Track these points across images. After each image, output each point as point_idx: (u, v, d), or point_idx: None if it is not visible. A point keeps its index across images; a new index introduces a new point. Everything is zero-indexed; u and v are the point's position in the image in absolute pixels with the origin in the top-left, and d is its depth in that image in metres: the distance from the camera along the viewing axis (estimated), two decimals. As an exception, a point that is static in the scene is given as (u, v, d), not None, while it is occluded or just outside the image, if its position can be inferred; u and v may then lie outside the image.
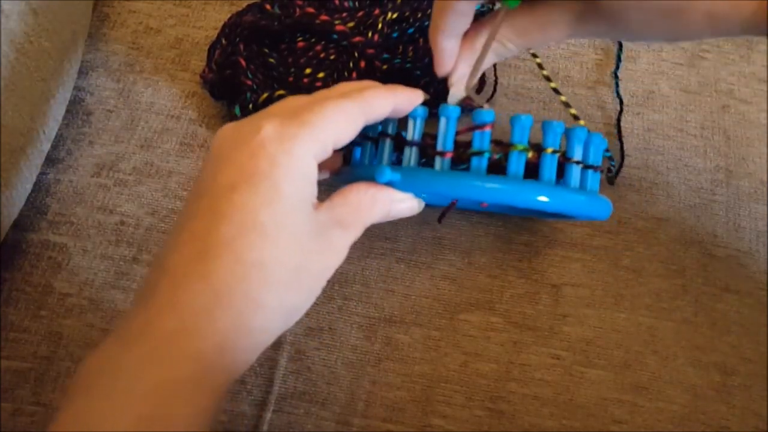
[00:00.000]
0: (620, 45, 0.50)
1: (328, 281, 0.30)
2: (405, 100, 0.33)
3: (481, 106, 0.33)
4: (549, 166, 0.32)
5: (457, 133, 0.33)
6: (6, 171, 0.38)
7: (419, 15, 0.43)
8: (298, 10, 0.43)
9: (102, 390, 0.24)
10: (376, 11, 0.43)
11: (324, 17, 0.42)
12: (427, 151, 0.33)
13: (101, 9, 0.50)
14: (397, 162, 0.35)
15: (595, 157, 0.34)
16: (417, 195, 0.33)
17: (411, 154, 0.33)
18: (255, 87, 0.42)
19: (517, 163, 0.32)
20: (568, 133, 0.33)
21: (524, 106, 0.48)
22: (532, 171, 0.32)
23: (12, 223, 0.41)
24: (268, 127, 0.28)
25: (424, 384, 0.39)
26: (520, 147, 0.32)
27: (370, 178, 0.32)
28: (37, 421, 0.37)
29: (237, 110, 0.41)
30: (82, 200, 0.43)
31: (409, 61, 0.43)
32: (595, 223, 0.44)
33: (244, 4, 0.46)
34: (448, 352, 0.40)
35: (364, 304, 0.41)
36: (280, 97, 0.40)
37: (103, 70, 0.48)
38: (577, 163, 0.33)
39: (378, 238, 0.42)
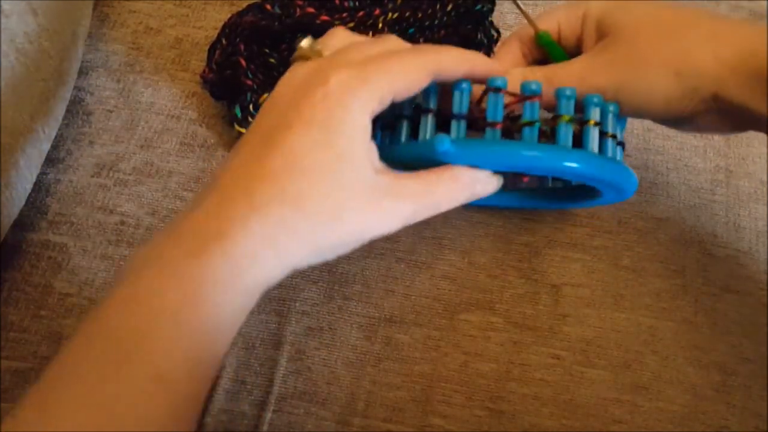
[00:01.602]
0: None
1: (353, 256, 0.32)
2: (482, 66, 0.34)
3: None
4: (592, 138, 0.33)
5: (505, 106, 0.34)
6: (6, 171, 0.38)
7: (419, 15, 0.43)
8: (298, 10, 0.43)
9: (150, 274, 0.27)
10: (377, 11, 0.43)
11: (324, 17, 0.42)
12: (477, 124, 0.33)
13: (101, 9, 0.50)
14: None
15: (621, 131, 0.36)
16: (470, 164, 0.33)
17: (459, 127, 0.33)
18: (255, 87, 0.42)
19: (566, 134, 0.33)
20: (603, 106, 0.34)
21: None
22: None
23: (12, 223, 0.41)
24: (334, 80, 0.30)
25: (424, 384, 0.39)
26: (567, 118, 0.33)
27: (419, 154, 0.32)
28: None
29: (237, 110, 0.41)
30: (82, 200, 0.43)
31: (409, 61, 0.43)
32: (595, 223, 0.44)
33: (245, 4, 0.46)
34: (448, 352, 0.40)
35: (364, 304, 0.41)
36: (281, 97, 0.40)
37: (103, 70, 0.48)
38: (612, 136, 0.34)
39: (378, 239, 0.42)
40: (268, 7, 0.44)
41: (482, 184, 0.34)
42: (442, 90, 0.34)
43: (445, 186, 0.32)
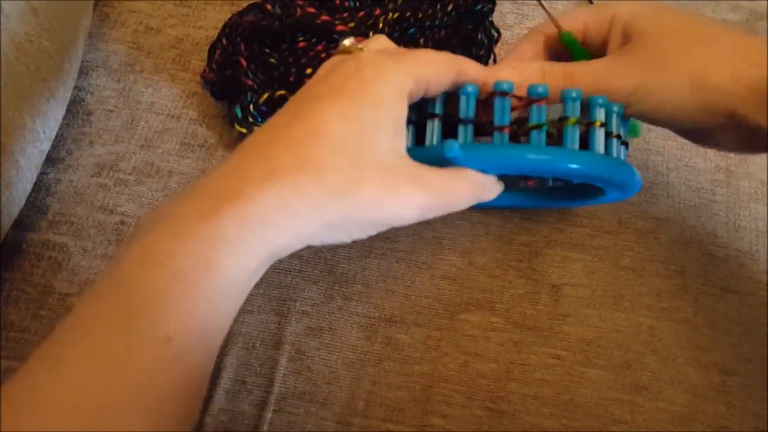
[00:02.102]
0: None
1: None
2: (491, 74, 0.34)
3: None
4: (599, 138, 0.34)
5: (512, 109, 0.34)
6: (6, 171, 0.38)
7: (420, 15, 0.43)
8: (298, 10, 0.43)
9: (165, 230, 0.27)
10: (377, 11, 0.43)
11: (325, 17, 0.42)
12: (484, 128, 0.34)
13: (101, 9, 0.50)
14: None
15: (625, 131, 0.36)
16: (479, 168, 0.34)
17: (466, 132, 0.33)
18: (256, 87, 0.42)
19: (572, 136, 0.33)
20: (608, 107, 0.34)
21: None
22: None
23: (12, 223, 0.41)
24: (368, 56, 0.31)
25: (424, 384, 0.39)
26: (573, 120, 0.33)
27: (429, 158, 0.32)
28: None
29: (237, 110, 0.41)
30: (82, 200, 0.43)
31: (409, 61, 0.43)
32: (595, 223, 0.44)
33: (245, 4, 0.46)
34: (448, 352, 0.40)
35: (365, 304, 0.41)
36: (281, 97, 0.40)
37: (103, 69, 0.48)
38: (617, 136, 0.34)
39: (378, 238, 0.42)
40: (269, 7, 0.44)
41: (489, 189, 0.34)
42: (447, 95, 0.34)
43: (460, 186, 0.32)
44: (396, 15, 0.43)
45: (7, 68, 0.38)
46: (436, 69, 0.32)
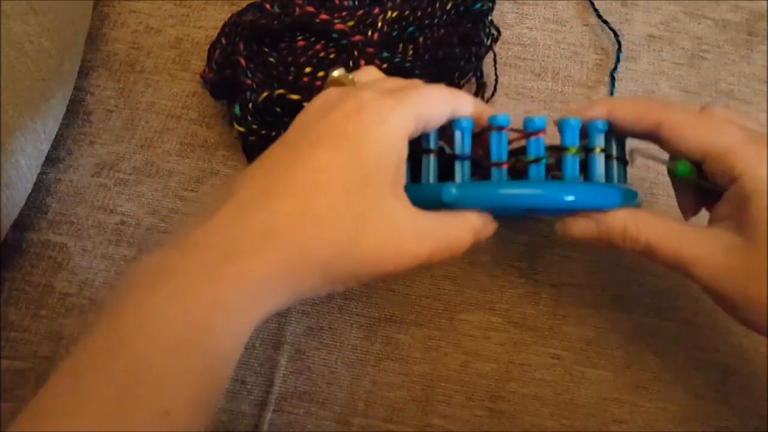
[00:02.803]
0: (619, 46, 0.50)
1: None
2: (488, 110, 0.33)
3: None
4: (599, 165, 0.33)
5: (509, 143, 0.33)
6: (6, 171, 0.38)
7: (419, 14, 0.43)
8: (297, 9, 0.43)
9: (164, 290, 0.26)
10: (376, 10, 0.43)
11: (324, 16, 0.42)
12: (478, 164, 0.33)
13: (101, 9, 0.50)
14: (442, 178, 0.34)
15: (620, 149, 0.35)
16: (478, 207, 0.32)
17: (463, 168, 0.32)
18: (255, 86, 0.42)
19: (572, 167, 0.32)
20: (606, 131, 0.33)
21: (525, 106, 0.48)
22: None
23: (12, 223, 0.41)
24: (368, 96, 0.29)
25: (424, 384, 0.39)
26: (573, 150, 0.32)
27: (426, 198, 0.31)
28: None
29: (237, 110, 0.41)
30: (82, 200, 0.43)
31: (408, 61, 0.43)
32: (596, 222, 0.44)
33: (245, 4, 0.46)
34: (448, 352, 0.40)
35: (365, 304, 0.41)
36: (280, 96, 0.40)
37: (103, 69, 0.48)
38: (617, 158, 0.34)
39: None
40: (268, 6, 0.44)
41: (487, 228, 0.33)
42: (442, 130, 0.33)
43: (461, 232, 0.31)
44: (395, 13, 0.43)
45: (7, 68, 0.38)
46: (435, 107, 0.31)
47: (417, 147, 0.33)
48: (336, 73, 0.32)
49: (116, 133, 0.46)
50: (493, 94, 0.48)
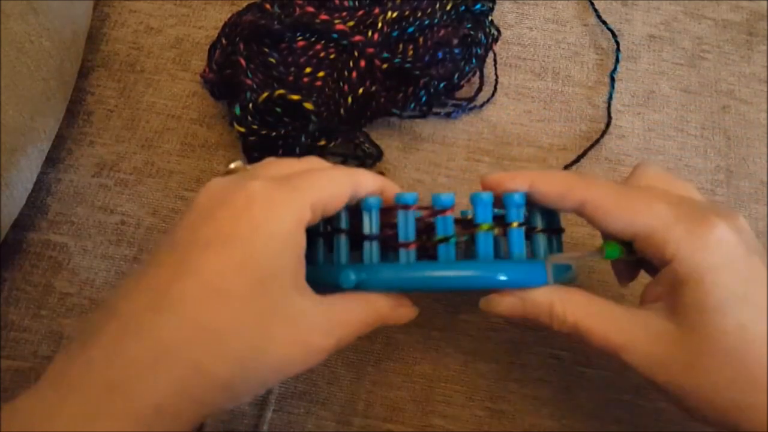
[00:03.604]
0: (618, 46, 0.50)
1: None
2: (393, 188, 0.33)
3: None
4: (518, 241, 0.31)
5: (417, 219, 0.31)
6: (6, 170, 0.38)
7: (419, 14, 0.43)
8: (298, 9, 0.43)
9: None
10: (376, 10, 0.43)
11: (324, 16, 0.42)
12: (388, 243, 0.31)
13: (102, 9, 0.50)
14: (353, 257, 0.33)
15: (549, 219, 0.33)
16: (385, 290, 0.31)
17: (372, 249, 0.31)
18: (255, 86, 0.42)
19: (485, 244, 0.30)
20: (507, 200, 0.31)
21: (525, 106, 0.48)
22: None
23: (12, 223, 0.41)
24: (258, 188, 0.27)
25: (424, 384, 0.39)
26: (486, 226, 0.30)
27: (329, 280, 0.30)
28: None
29: (237, 110, 0.41)
30: (82, 200, 0.44)
31: (408, 61, 0.43)
32: (596, 223, 0.44)
33: (245, 4, 0.46)
34: (448, 352, 0.40)
35: (364, 304, 0.41)
36: (280, 96, 0.40)
37: (103, 69, 0.48)
38: (543, 230, 0.32)
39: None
40: (268, 6, 0.44)
41: (402, 311, 0.32)
42: (354, 209, 0.32)
43: (367, 317, 0.30)
44: (395, 14, 0.43)
45: (7, 68, 0.38)
46: (332, 192, 0.29)
47: (327, 225, 0.32)
48: (233, 165, 0.31)
49: (116, 133, 0.46)
50: (493, 94, 0.48)
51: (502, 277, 0.30)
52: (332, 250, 0.32)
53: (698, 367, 0.27)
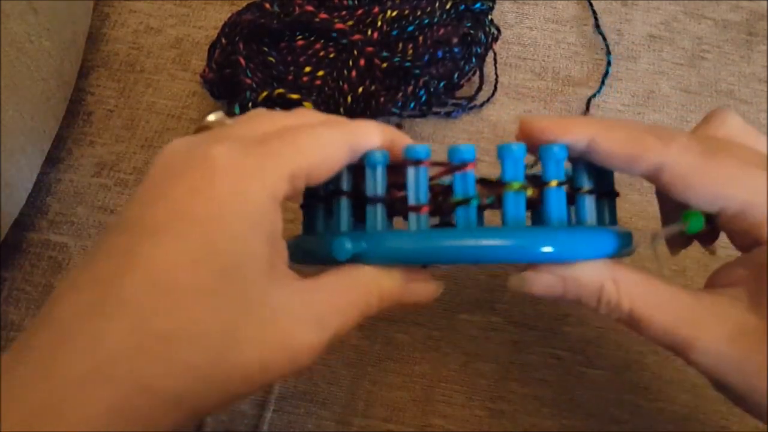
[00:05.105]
0: (608, 49, 0.50)
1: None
2: (403, 138, 0.27)
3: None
4: (557, 204, 0.25)
5: (431, 178, 0.26)
6: (6, 170, 0.38)
7: (419, 13, 0.43)
8: (297, 8, 0.43)
9: None
10: (376, 9, 0.43)
11: (323, 15, 0.42)
12: (397, 207, 0.26)
13: (101, 9, 0.50)
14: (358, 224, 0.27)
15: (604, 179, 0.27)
16: (391, 264, 0.26)
17: (376, 214, 0.26)
18: (255, 86, 0.42)
19: (516, 207, 0.25)
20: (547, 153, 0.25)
21: (526, 106, 0.48)
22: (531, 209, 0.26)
23: (12, 223, 0.41)
24: (222, 154, 0.22)
25: (424, 384, 0.39)
26: (517, 185, 0.25)
27: (325, 253, 0.25)
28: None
29: (237, 109, 0.41)
30: (82, 200, 0.44)
31: (408, 60, 0.43)
32: (596, 222, 0.44)
33: (244, 4, 0.46)
34: (448, 352, 0.40)
35: (364, 304, 0.41)
36: (280, 95, 0.40)
37: (103, 69, 0.48)
38: (590, 192, 0.26)
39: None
40: (267, 5, 0.44)
41: (418, 284, 0.26)
42: (358, 166, 0.27)
43: (366, 298, 0.25)
44: (395, 13, 0.43)
45: (7, 68, 0.38)
46: (320, 155, 0.24)
47: (325, 187, 0.27)
48: (211, 117, 0.25)
49: (116, 133, 0.46)
50: (493, 94, 0.48)
51: (547, 249, 0.24)
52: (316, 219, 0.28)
53: None
